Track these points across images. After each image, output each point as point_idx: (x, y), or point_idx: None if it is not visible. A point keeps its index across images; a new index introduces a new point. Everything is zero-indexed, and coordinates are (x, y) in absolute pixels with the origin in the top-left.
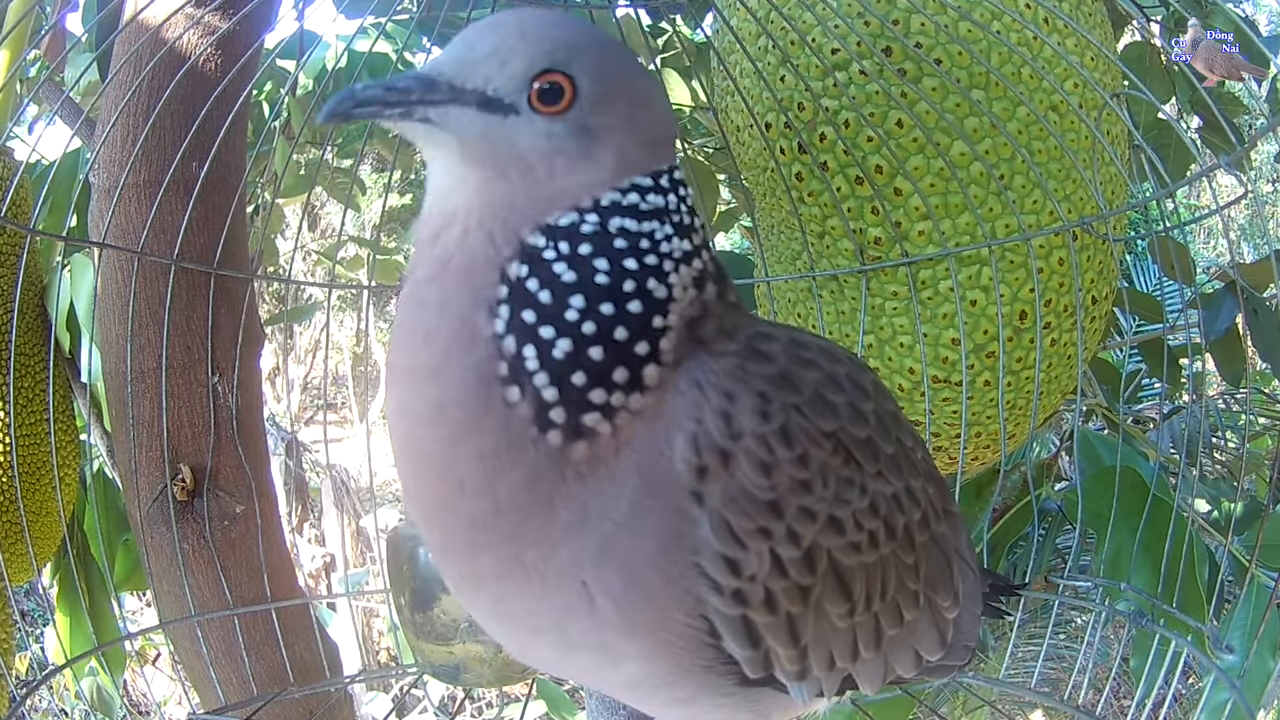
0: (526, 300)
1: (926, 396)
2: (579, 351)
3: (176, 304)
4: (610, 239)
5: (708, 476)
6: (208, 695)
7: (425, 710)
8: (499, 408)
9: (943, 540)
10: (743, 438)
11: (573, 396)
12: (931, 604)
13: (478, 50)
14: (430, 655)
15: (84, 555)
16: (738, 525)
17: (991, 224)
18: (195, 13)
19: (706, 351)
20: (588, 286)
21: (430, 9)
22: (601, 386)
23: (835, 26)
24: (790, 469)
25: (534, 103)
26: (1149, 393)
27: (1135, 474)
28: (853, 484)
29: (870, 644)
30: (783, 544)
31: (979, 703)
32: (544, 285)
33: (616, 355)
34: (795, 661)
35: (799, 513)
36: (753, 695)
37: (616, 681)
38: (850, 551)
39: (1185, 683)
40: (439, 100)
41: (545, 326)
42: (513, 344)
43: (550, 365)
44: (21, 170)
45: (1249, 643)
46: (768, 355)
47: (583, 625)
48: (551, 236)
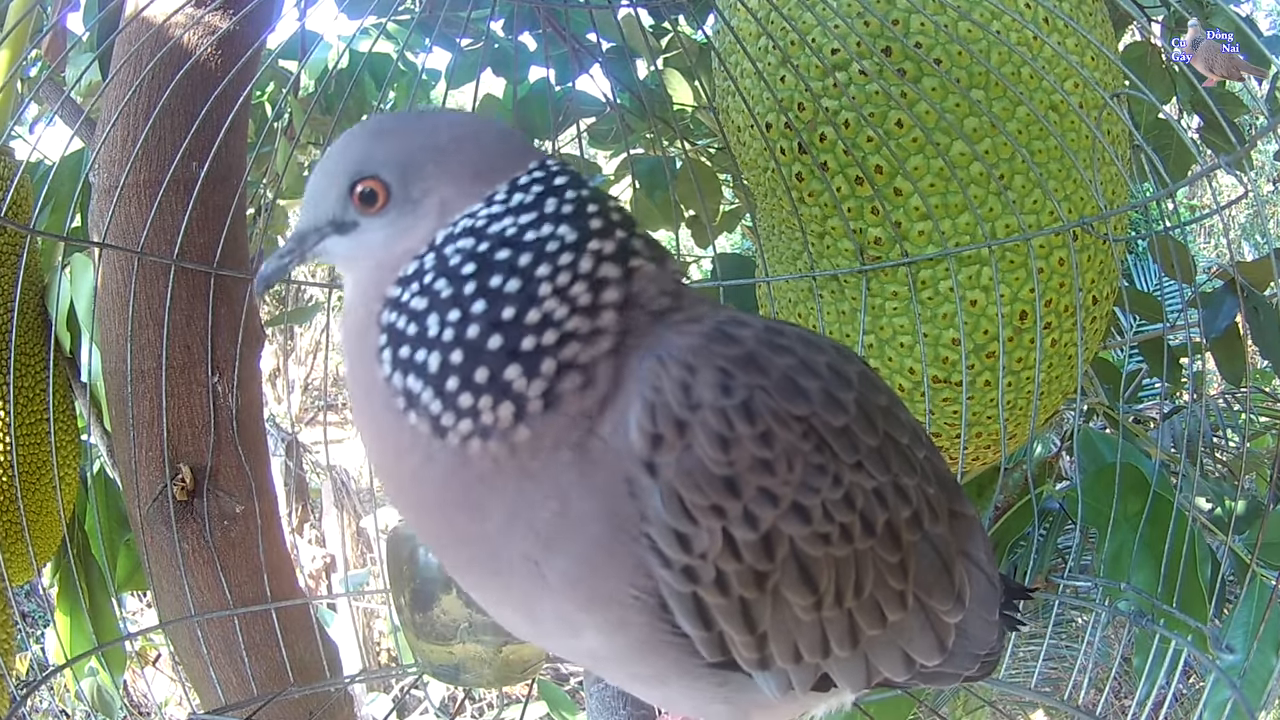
0: (398, 339)
1: (926, 396)
2: (445, 361)
3: (176, 304)
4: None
5: (662, 446)
6: (208, 695)
7: (426, 711)
8: (408, 433)
9: (940, 541)
10: (701, 409)
11: (450, 403)
12: (925, 606)
13: (311, 194)
14: (430, 655)
15: (84, 555)
16: (689, 499)
17: (991, 224)
18: (196, 12)
19: (673, 331)
20: (435, 303)
21: (431, 9)
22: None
23: (835, 26)
24: (751, 446)
25: (362, 212)
26: (1149, 392)
27: (1137, 472)
28: (824, 471)
29: (844, 641)
30: (737, 525)
31: (979, 703)
32: (408, 320)
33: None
34: (752, 649)
35: (758, 494)
36: (728, 684)
37: (583, 651)
38: (817, 542)
39: (1186, 682)
40: (310, 245)
41: (418, 352)
42: (399, 379)
43: (429, 381)
44: (22, 170)
45: (1250, 641)
46: (736, 338)
47: (543, 602)
48: (403, 284)
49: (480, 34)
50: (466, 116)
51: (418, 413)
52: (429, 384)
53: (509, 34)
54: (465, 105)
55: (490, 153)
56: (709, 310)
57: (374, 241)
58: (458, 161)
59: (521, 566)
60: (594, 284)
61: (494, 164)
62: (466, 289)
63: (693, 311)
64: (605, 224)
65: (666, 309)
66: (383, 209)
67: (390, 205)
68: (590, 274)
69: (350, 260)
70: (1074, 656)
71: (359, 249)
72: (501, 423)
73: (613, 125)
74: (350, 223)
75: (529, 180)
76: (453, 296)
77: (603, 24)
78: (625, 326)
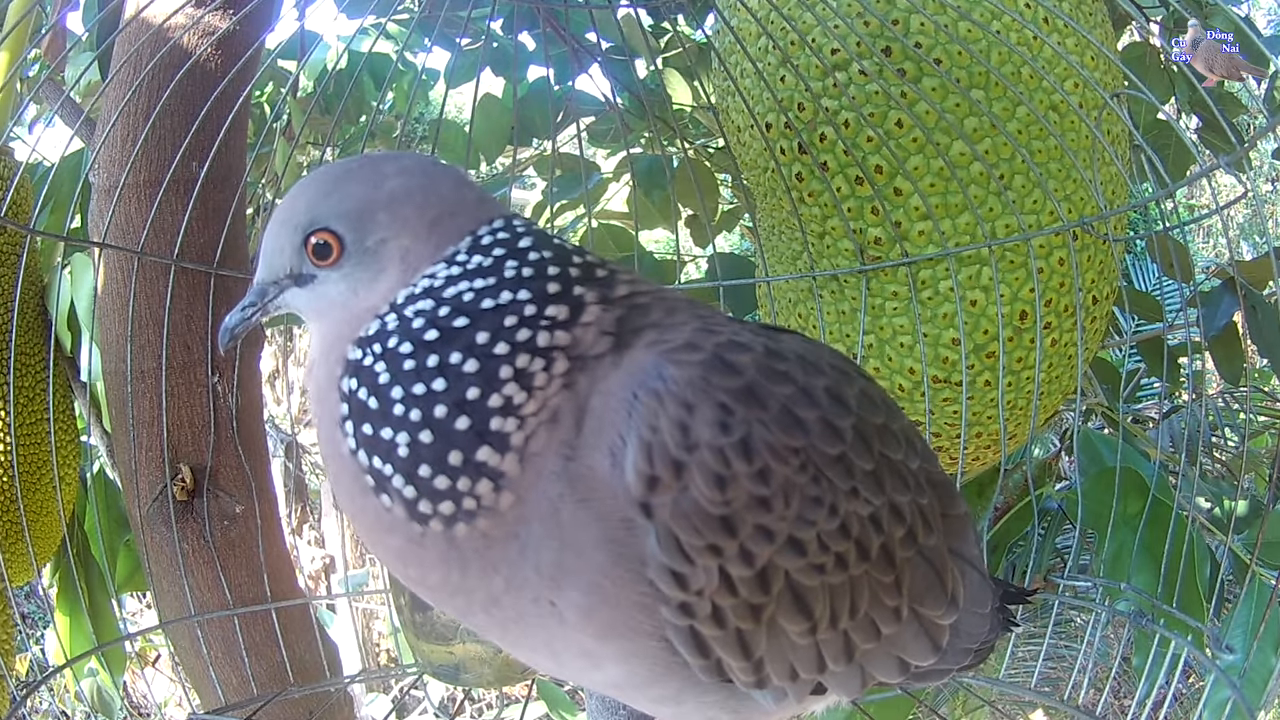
0: (362, 412)
1: (926, 396)
2: (415, 441)
3: (176, 304)
4: (409, 324)
5: (659, 488)
6: (208, 695)
7: (425, 711)
8: (384, 514)
9: (932, 552)
10: (698, 449)
11: (428, 488)
12: (919, 616)
13: (267, 249)
14: (430, 655)
15: (84, 555)
16: (686, 540)
17: (991, 224)
18: (196, 13)
19: (666, 357)
20: (399, 377)
21: (430, 9)
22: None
23: (835, 27)
24: (748, 484)
25: (316, 264)
26: (1148, 392)
27: (1136, 474)
28: (820, 503)
29: (839, 658)
30: (734, 563)
31: (979, 702)
32: (370, 392)
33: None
34: (749, 673)
35: (754, 531)
36: (734, 697)
37: (604, 681)
38: (812, 573)
39: (1185, 682)
40: (271, 298)
41: (382, 430)
42: (364, 458)
43: (399, 466)
44: (22, 170)
45: (1250, 641)
46: (735, 367)
47: (563, 638)
48: (364, 345)
49: (480, 33)
50: (417, 161)
51: (390, 497)
52: (399, 469)
53: (508, 33)
54: (466, 104)
55: (446, 200)
56: (692, 322)
57: (333, 294)
58: (411, 209)
59: (536, 609)
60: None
61: (452, 211)
62: (429, 362)
63: (673, 324)
64: (562, 287)
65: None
66: (338, 261)
67: (345, 257)
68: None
69: (310, 313)
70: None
71: (319, 301)
72: (484, 500)
73: (611, 125)
74: (308, 275)
75: (491, 240)
76: (415, 370)
77: (603, 24)
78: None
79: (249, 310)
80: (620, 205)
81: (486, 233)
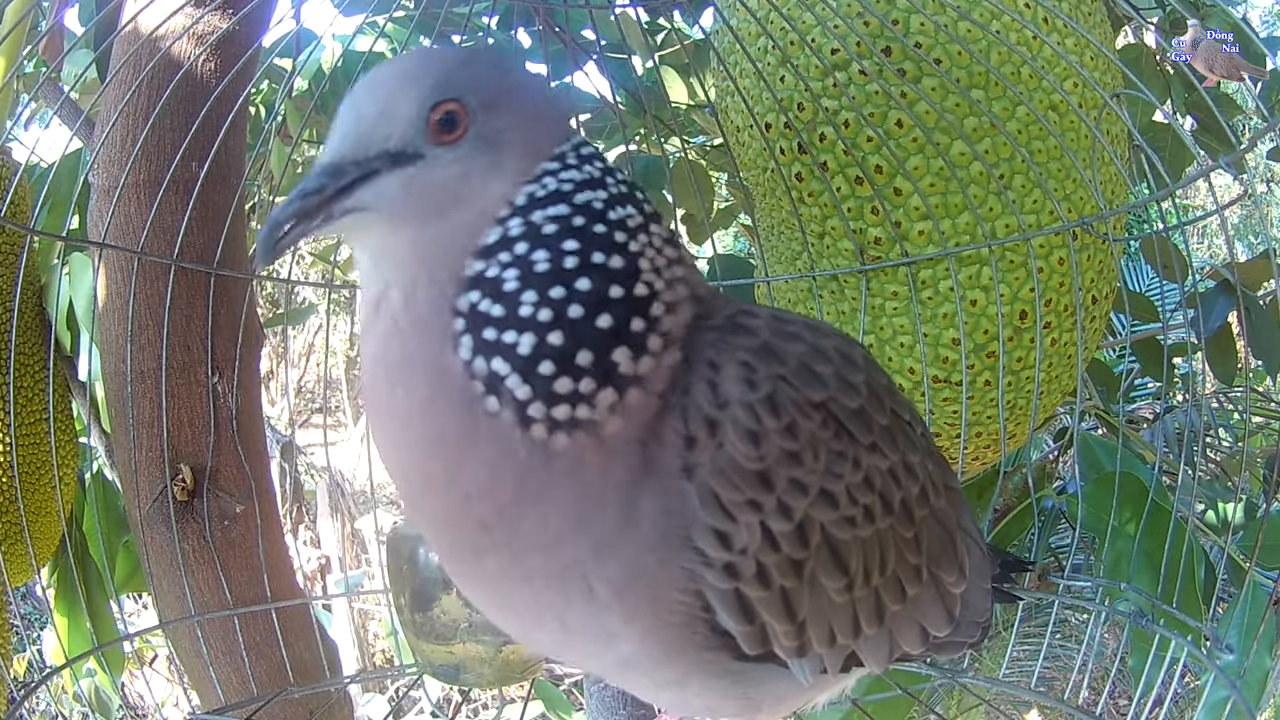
0: (483, 321)
1: (926, 396)
2: (542, 342)
3: (176, 304)
4: (541, 230)
5: (696, 448)
6: (208, 695)
7: (422, 711)
8: (484, 421)
9: (944, 515)
10: (729, 406)
11: (544, 389)
12: (935, 579)
13: (367, 114)
14: (430, 655)
15: (83, 556)
16: (726, 498)
17: (991, 224)
18: (195, 13)
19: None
20: (531, 281)
21: (429, 7)
22: (568, 374)
23: (835, 26)
24: (779, 439)
25: (435, 138)
26: (1142, 392)
27: (1136, 480)
28: (845, 457)
29: (872, 619)
30: (773, 517)
31: (975, 701)
32: (495, 300)
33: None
34: (793, 637)
35: (789, 485)
36: (746, 678)
37: (612, 661)
38: (845, 525)
39: (1181, 682)
40: (349, 182)
41: (507, 333)
42: (483, 363)
43: (519, 365)
44: (21, 170)
45: (1247, 642)
46: (750, 329)
47: (581, 612)
48: (488, 255)
49: (475, 31)
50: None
51: (501, 399)
52: (518, 368)
53: (503, 30)
54: None
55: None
56: (720, 304)
57: (442, 180)
58: (528, 104)
59: (563, 575)
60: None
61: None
62: (567, 264)
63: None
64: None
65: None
66: (461, 140)
67: (469, 137)
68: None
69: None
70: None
71: (425, 192)
72: (600, 409)
73: (607, 122)
74: (414, 154)
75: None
76: (552, 273)
77: (602, 22)
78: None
79: (312, 200)
80: None
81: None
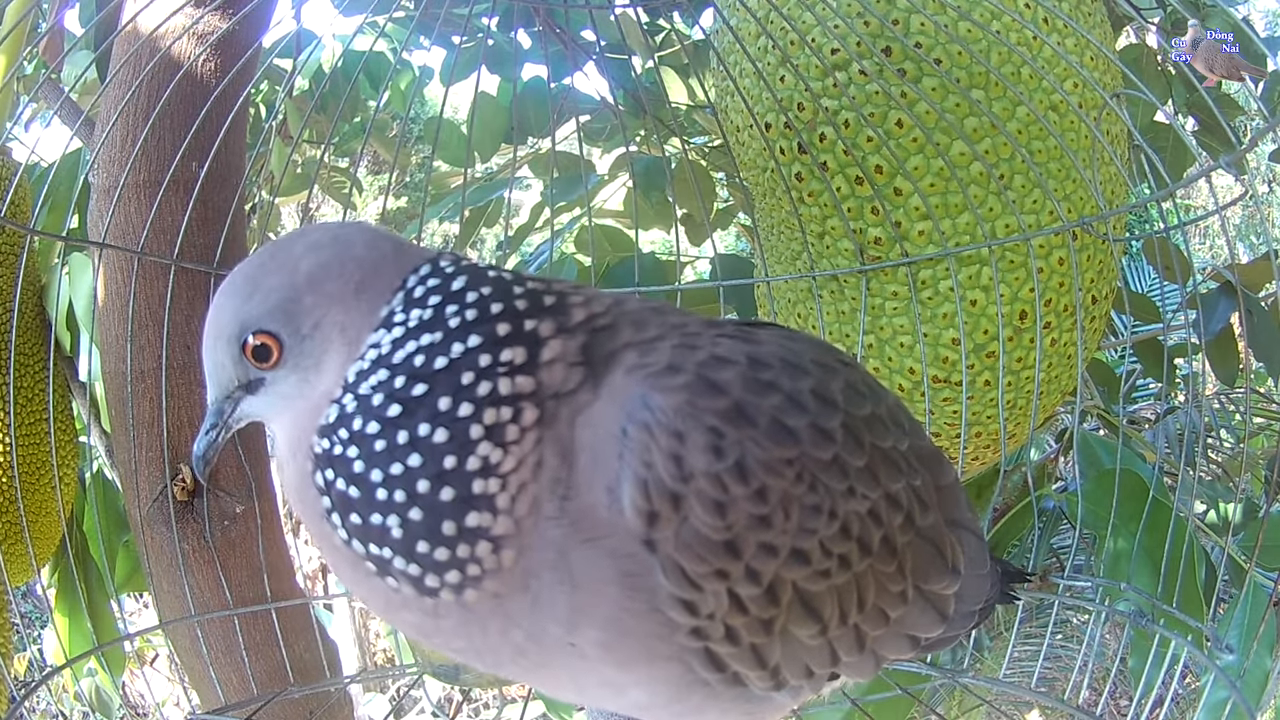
0: (346, 503)
1: (926, 396)
2: (406, 522)
3: (176, 304)
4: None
5: (659, 522)
6: (208, 695)
7: (423, 711)
8: (394, 595)
9: (930, 530)
10: (694, 479)
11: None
12: (923, 593)
13: (210, 367)
14: (430, 655)
15: (83, 556)
16: (691, 570)
17: (991, 224)
18: (195, 13)
19: (649, 384)
20: (374, 460)
21: (429, 7)
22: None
23: (835, 26)
24: (747, 505)
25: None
26: (1143, 393)
27: (1136, 477)
28: (819, 510)
29: (851, 650)
30: (741, 583)
31: (976, 702)
32: (348, 481)
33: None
34: (766, 680)
35: (758, 549)
36: (750, 700)
37: (628, 705)
38: (818, 579)
39: (1181, 683)
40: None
41: (372, 515)
42: (360, 547)
43: (397, 548)
44: (21, 170)
45: (1247, 643)
46: (720, 386)
47: (586, 671)
48: (327, 434)
49: (475, 31)
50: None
51: (395, 579)
52: (398, 550)
53: (503, 31)
54: (463, 103)
55: (363, 262)
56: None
57: (287, 390)
58: (332, 282)
59: (559, 651)
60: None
61: (374, 270)
62: (399, 439)
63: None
64: (512, 326)
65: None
66: (280, 359)
67: (287, 352)
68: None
69: (272, 415)
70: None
71: (276, 402)
72: (486, 562)
73: (607, 123)
74: (256, 380)
75: (423, 290)
76: (387, 450)
77: (602, 22)
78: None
79: (213, 433)
80: (614, 205)
81: (415, 282)
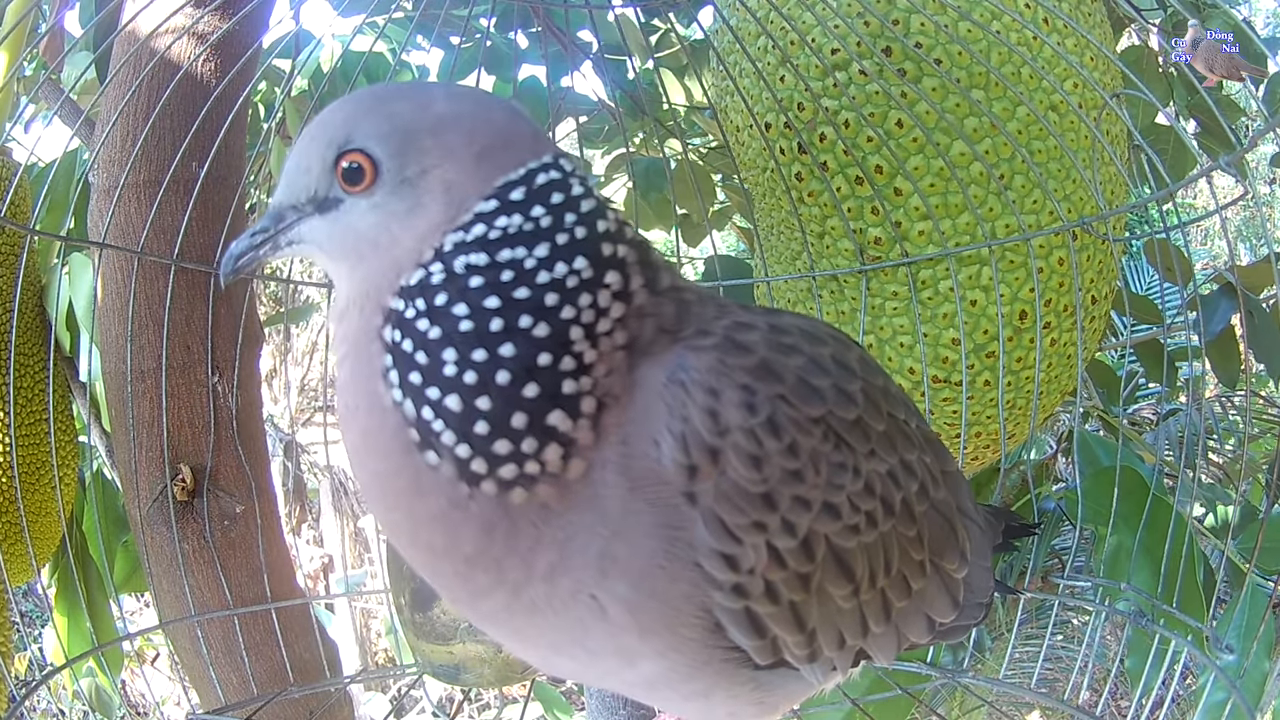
0: (408, 363)
1: (926, 396)
2: (469, 405)
3: (176, 304)
4: (463, 283)
5: (698, 476)
6: (208, 695)
7: (423, 711)
8: (426, 473)
9: (943, 505)
10: (730, 433)
11: (483, 448)
12: (939, 569)
13: (292, 167)
14: (430, 655)
15: (83, 555)
16: (732, 521)
17: (991, 224)
18: (195, 13)
19: (684, 345)
20: (454, 338)
21: (428, 8)
22: (505, 437)
23: (835, 26)
24: (780, 460)
25: (346, 188)
26: (1144, 394)
27: (1135, 475)
28: (845, 468)
29: (880, 619)
30: (779, 535)
31: (977, 702)
32: (417, 345)
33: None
34: (803, 646)
35: (793, 502)
36: (764, 682)
37: (636, 680)
38: (848, 534)
39: (1181, 683)
40: (288, 224)
41: (431, 387)
42: (411, 409)
43: (452, 423)
44: (21, 170)
45: (1247, 644)
46: (747, 346)
47: (599, 634)
48: (407, 296)
49: (473, 31)
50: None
51: (438, 453)
52: (451, 425)
53: (501, 32)
54: None
55: (496, 130)
56: (712, 312)
57: (361, 227)
58: (458, 136)
59: (572, 603)
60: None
61: (504, 143)
62: (492, 326)
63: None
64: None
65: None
66: (370, 187)
67: (379, 184)
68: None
69: (334, 249)
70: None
71: (344, 235)
72: (550, 465)
73: (605, 124)
74: (333, 199)
75: (546, 180)
76: (474, 334)
77: (602, 23)
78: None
79: (259, 238)
80: None
81: (540, 169)
